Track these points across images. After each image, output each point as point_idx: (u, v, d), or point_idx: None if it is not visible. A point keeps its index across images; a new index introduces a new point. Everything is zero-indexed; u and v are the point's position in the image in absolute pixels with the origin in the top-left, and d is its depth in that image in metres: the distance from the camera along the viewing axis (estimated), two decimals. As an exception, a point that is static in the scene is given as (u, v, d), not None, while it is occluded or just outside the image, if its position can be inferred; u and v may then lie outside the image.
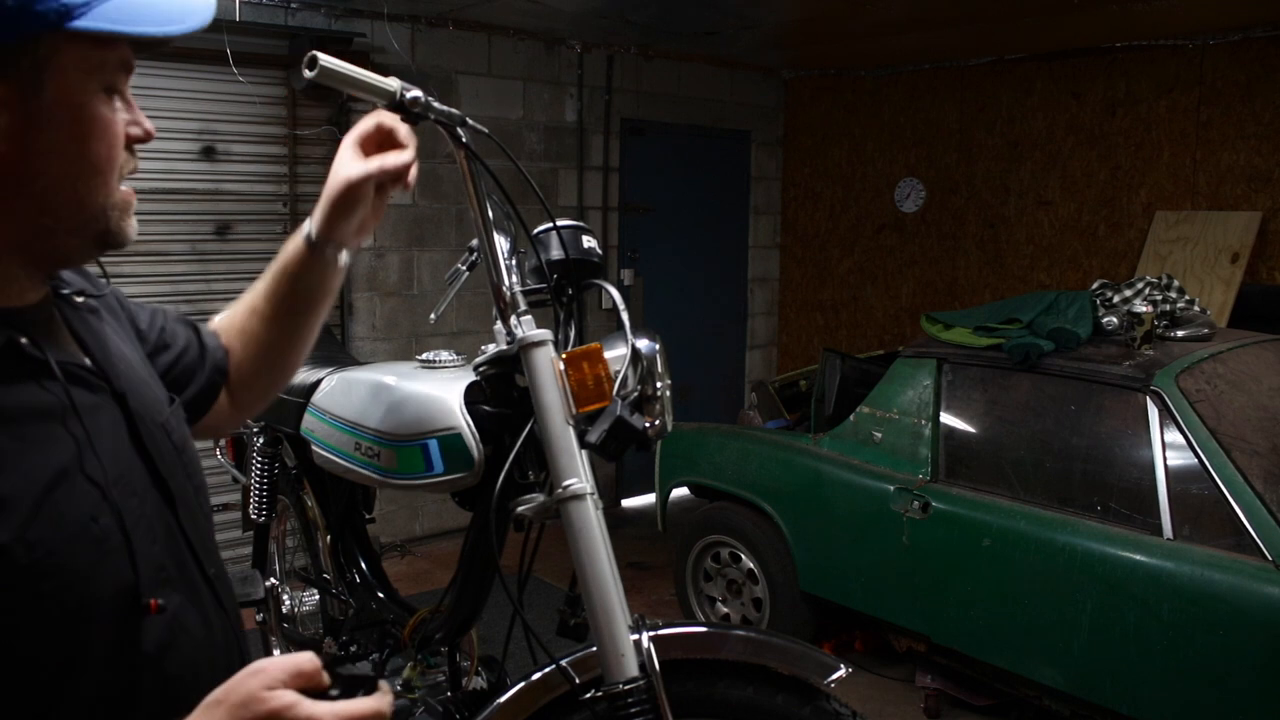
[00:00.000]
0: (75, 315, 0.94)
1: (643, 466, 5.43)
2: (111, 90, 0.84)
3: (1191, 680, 2.65)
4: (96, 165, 0.83)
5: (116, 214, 0.87)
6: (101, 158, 0.83)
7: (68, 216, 0.83)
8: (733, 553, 3.89)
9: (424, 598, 1.81)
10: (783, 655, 1.53)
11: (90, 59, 0.81)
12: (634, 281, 5.81)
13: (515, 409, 1.57)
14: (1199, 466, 2.72)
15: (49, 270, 0.90)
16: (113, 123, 0.84)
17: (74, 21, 0.77)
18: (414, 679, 1.91)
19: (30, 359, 0.83)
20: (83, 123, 0.81)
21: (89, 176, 0.83)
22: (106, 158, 0.84)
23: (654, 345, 1.48)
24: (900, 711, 3.44)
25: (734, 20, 4.89)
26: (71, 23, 0.77)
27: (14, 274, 0.85)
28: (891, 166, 6.16)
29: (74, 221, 0.84)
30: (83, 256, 0.91)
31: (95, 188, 0.84)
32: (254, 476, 2.51)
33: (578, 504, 1.39)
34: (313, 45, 4.02)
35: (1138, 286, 3.48)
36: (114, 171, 0.85)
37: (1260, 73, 4.69)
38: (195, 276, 4.37)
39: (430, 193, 5.04)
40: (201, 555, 0.96)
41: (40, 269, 0.88)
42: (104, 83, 0.83)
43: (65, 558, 0.79)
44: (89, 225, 0.85)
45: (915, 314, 5.92)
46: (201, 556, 0.96)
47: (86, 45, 0.80)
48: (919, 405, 3.38)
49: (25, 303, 0.86)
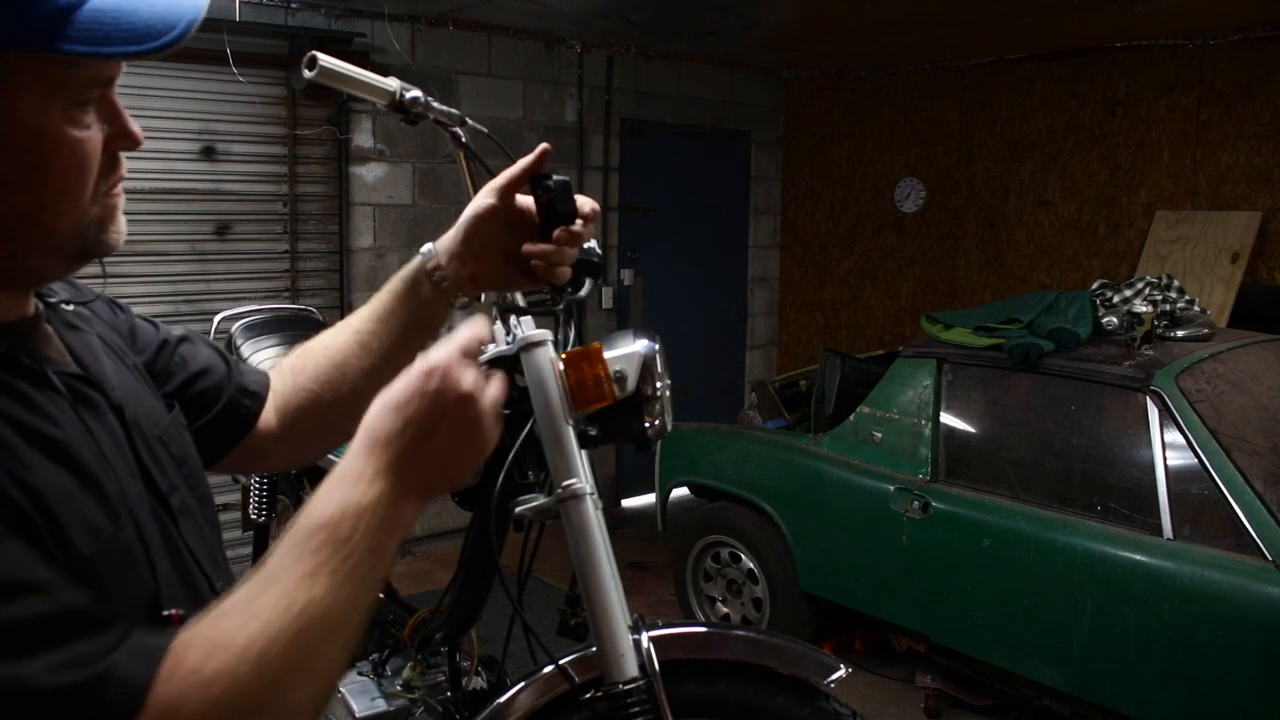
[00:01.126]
0: (64, 326, 0.91)
1: (643, 466, 5.44)
2: (83, 104, 0.77)
3: (1191, 680, 2.65)
4: (62, 191, 0.77)
5: (94, 229, 0.81)
6: (68, 183, 0.77)
7: (38, 243, 0.78)
8: (733, 553, 3.89)
9: (424, 598, 1.81)
10: (783, 655, 1.52)
11: (52, 78, 0.73)
12: (634, 281, 5.81)
13: (515, 409, 1.57)
14: (1199, 466, 2.72)
15: (31, 289, 0.86)
16: (80, 143, 0.76)
17: (36, 48, 0.70)
18: (414, 679, 1.91)
19: (30, 372, 0.80)
20: (43, 150, 0.75)
21: (54, 203, 0.77)
22: (75, 181, 0.77)
23: (654, 345, 1.47)
24: (900, 711, 3.44)
25: (734, 20, 4.89)
26: (34, 48, 0.70)
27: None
28: (891, 166, 6.16)
29: (45, 246, 0.79)
30: (64, 272, 0.86)
31: (62, 213, 0.78)
32: (254, 476, 2.50)
33: (577, 504, 1.39)
34: (313, 45, 4.02)
35: (1138, 286, 3.48)
36: (84, 192, 0.79)
37: (1260, 73, 4.69)
38: (195, 276, 4.37)
39: (430, 193, 5.04)
40: (209, 570, 0.94)
41: (22, 289, 0.85)
42: (71, 100, 0.75)
43: (103, 567, 0.78)
44: (62, 247, 0.80)
45: (915, 314, 5.92)
46: (209, 572, 0.94)
47: (47, 64, 0.72)
48: (919, 405, 3.38)
49: (17, 317, 0.84)
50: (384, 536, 0.79)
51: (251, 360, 2.41)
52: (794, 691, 1.51)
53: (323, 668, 0.76)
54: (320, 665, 0.75)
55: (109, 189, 0.82)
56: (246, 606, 0.74)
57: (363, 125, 4.78)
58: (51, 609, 0.68)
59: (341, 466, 0.81)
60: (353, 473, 0.80)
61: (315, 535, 0.76)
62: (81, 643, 0.69)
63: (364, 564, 0.77)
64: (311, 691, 0.76)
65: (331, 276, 4.80)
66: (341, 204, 4.77)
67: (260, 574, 0.76)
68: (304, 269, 4.70)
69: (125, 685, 0.69)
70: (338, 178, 4.75)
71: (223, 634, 0.72)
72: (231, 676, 0.71)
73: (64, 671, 0.66)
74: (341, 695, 1.93)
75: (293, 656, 0.73)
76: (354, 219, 4.81)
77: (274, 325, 2.65)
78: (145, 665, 0.70)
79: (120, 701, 0.68)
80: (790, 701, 1.51)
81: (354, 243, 4.82)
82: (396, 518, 0.80)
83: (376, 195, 4.88)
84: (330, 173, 4.74)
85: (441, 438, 0.82)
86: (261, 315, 2.72)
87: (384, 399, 0.83)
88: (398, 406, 0.82)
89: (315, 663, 0.75)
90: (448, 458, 0.83)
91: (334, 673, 0.78)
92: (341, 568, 0.76)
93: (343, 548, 0.76)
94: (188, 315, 4.28)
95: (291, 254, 4.64)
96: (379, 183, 4.87)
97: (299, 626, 0.73)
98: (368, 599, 0.79)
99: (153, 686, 0.69)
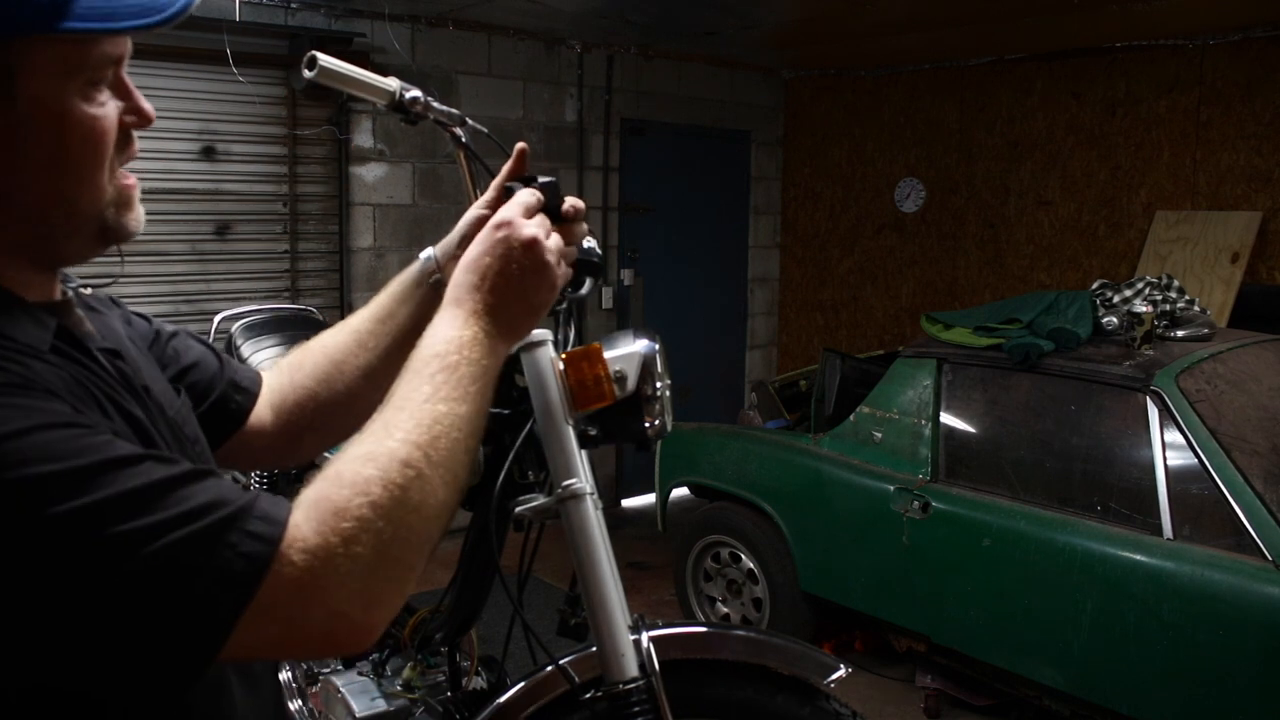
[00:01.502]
0: (86, 309, 0.95)
1: (643, 466, 5.44)
2: (97, 83, 0.80)
3: (1191, 680, 2.65)
4: (82, 169, 0.80)
5: (113, 210, 0.85)
6: (87, 160, 0.81)
7: (60, 222, 0.82)
8: (733, 553, 3.89)
9: (424, 598, 1.81)
10: (783, 655, 1.52)
11: (68, 59, 0.77)
12: (634, 281, 5.81)
13: (515, 409, 1.57)
14: (1199, 466, 2.72)
15: (58, 271, 0.90)
16: (97, 119, 0.80)
17: (43, 29, 0.73)
18: (414, 679, 1.91)
19: (80, 347, 0.85)
20: (62, 129, 0.78)
21: (75, 181, 0.80)
22: (94, 156, 0.81)
23: (654, 345, 1.47)
24: (900, 711, 3.44)
25: (734, 20, 4.89)
26: (41, 30, 0.73)
27: (29, 277, 0.84)
28: (891, 166, 6.16)
29: (68, 226, 0.83)
30: (87, 254, 0.89)
31: (83, 191, 0.81)
32: (253, 475, 2.50)
33: (577, 504, 1.39)
34: (313, 45, 4.02)
35: (1138, 286, 3.48)
36: (102, 169, 0.82)
37: (1260, 73, 4.69)
38: (195, 276, 4.37)
39: (430, 193, 5.04)
40: None
41: (50, 271, 0.88)
42: (86, 80, 0.79)
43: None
44: (84, 227, 0.84)
45: (915, 314, 5.92)
46: None
47: (63, 46, 0.76)
48: (919, 405, 3.38)
49: (53, 298, 0.87)
50: (484, 367, 0.92)
51: (251, 360, 2.41)
52: (794, 691, 1.51)
53: (457, 471, 0.85)
54: (456, 468, 0.84)
55: (124, 163, 0.86)
56: (382, 429, 0.83)
57: (363, 125, 4.78)
58: (189, 470, 0.75)
59: (436, 320, 0.95)
60: (446, 320, 0.94)
61: (429, 365, 0.89)
62: (218, 486, 0.74)
63: (474, 386, 0.89)
64: (451, 492, 0.84)
65: (331, 276, 4.80)
66: (341, 204, 4.77)
67: (385, 408, 0.85)
68: (304, 269, 4.70)
69: (272, 510, 0.75)
70: (338, 178, 4.75)
71: (366, 448, 0.80)
72: (383, 479, 0.78)
73: (209, 511, 0.72)
74: (341, 695, 1.93)
75: (432, 459, 0.81)
76: (354, 219, 4.81)
77: (274, 325, 2.65)
78: (280, 505, 0.76)
79: (275, 516, 0.74)
80: (790, 701, 1.51)
81: (354, 243, 4.82)
82: (492, 350, 0.94)
83: (376, 195, 4.88)
84: (330, 173, 4.74)
85: (515, 281, 0.97)
86: (261, 315, 2.72)
87: (462, 262, 0.98)
88: (473, 264, 0.97)
89: (452, 465, 0.84)
90: (524, 296, 0.98)
91: (464, 475, 0.86)
92: (458, 387, 0.88)
93: (454, 373, 0.88)
94: (188, 315, 4.28)
95: (291, 254, 4.64)
96: (379, 183, 4.88)
97: (433, 435, 0.83)
98: (480, 417, 0.90)
99: (298, 505, 0.76)
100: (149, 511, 0.69)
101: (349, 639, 0.76)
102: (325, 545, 0.73)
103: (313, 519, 0.74)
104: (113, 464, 0.70)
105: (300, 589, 0.72)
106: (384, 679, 1.97)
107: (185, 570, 0.69)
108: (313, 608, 0.73)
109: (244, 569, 0.70)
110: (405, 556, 0.78)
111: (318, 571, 0.72)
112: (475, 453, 0.89)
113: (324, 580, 0.73)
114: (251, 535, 0.72)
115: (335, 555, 0.73)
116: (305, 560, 0.72)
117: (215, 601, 0.70)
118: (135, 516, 0.69)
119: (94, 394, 0.82)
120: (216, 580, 0.70)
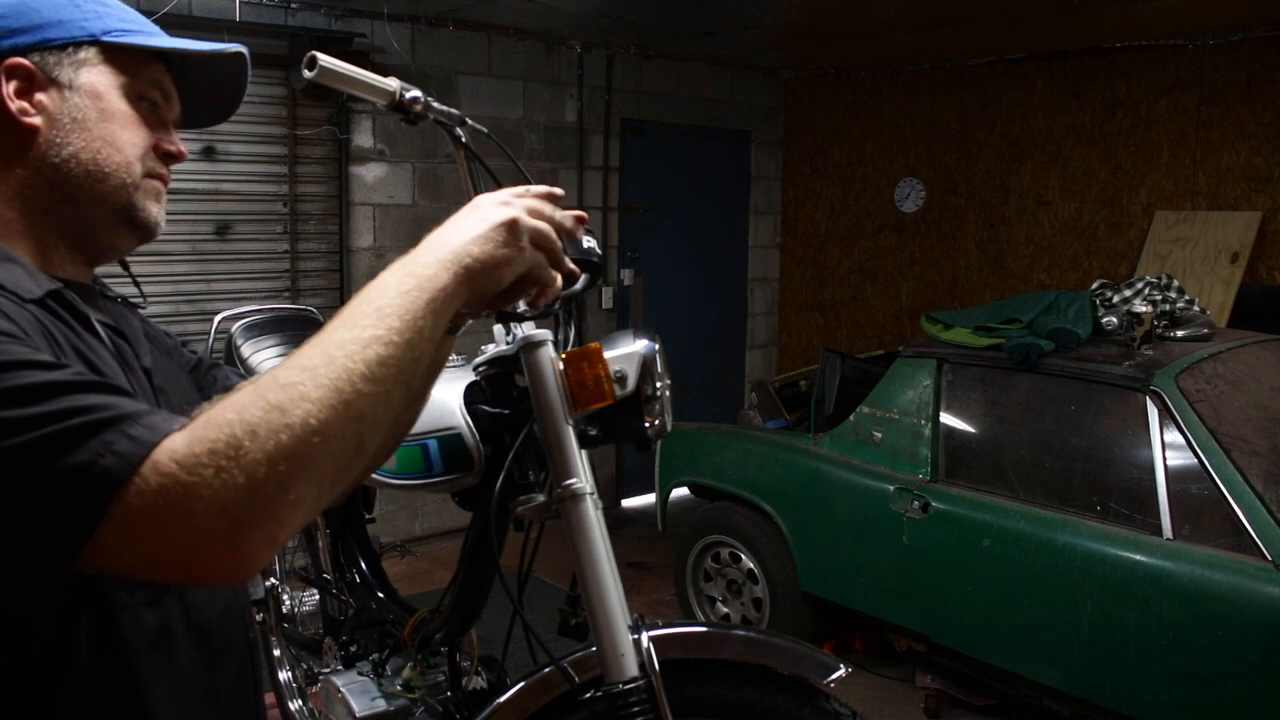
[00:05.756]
0: (113, 305, 1.06)
1: (643, 466, 5.44)
2: (144, 99, 1.00)
3: (1191, 680, 2.65)
4: (114, 141, 0.97)
5: (140, 193, 0.99)
6: (119, 137, 0.97)
7: (89, 184, 0.95)
8: (733, 553, 3.89)
9: (424, 598, 1.81)
10: (783, 655, 1.52)
11: (125, 67, 0.98)
12: (634, 281, 5.81)
13: (515, 409, 1.57)
14: (1199, 466, 2.72)
15: (87, 251, 1.00)
16: (134, 117, 0.99)
17: (104, 37, 0.97)
18: (414, 679, 1.91)
19: (78, 315, 0.92)
20: (104, 108, 0.97)
21: (107, 149, 0.96)
22: (126, 140, 0.98)
23: (654, 345, 1.47)
24: (900, 711, 3.44)
25: (734, 20, 4.89)
26: (102, 37, 0.97)
27: (61, 256, 0.97)
28: (891, 166, 6.16)
29: (95, 190, 0.96)
30: (114, 237, 1.01)
31: (112, 157, 0.96)
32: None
33: (577, 504, 1.39)
34: (313, 45, 4.02)
35: (1137, 286, 3.48)
36: (133, 151, 0.98)
37: (1260, 73, 4.69)
38: (195, 276, 4.37)
39: (430, 193, 5.04)
40: None
41: (82, 254, 1.00)
42: (134, 90, 0.99)
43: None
44: (110, 196, 0.97)
45: (915, 314, 5.92)
46: None
47: (123, 59, 0.98)
48: (919, 405, 3.38)
49: (78, 280, 0.99)
50: (404, 292, 0.86)
51: (252, 361, 2.41)
52: (794, 691, 1.51)
53: (351, 397, 0.78)
54: (348, 393, 0.78)
55: (157, 166, 1.02)
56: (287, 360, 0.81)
57: (363, 125, 4.79)
58: (98, 380, 0.78)
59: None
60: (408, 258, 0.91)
61: (349, 304, 0.85)
62: (120, 399, 0.76)
63: (389, 310, 0.84)
64: (339, 416, 0.77)
65: (331, 276, 4.80)
66: (341, 204, 4.77)
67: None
68: (304, 269, 4.70)
69: (162, 423, 0.75)
70: (338, 178, 4.75)
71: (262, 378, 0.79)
72: (260, 399, 0.75)
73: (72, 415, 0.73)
74: (341, 695, 1.93)
75: (321, 382, 0.77)
76: (354, 219, 4.81)
77: (274, 325, 2.65)
78: (173, 421, 0.76)
79: (160, 427, 0.74)
80: (790, 701, 1.51)
81: (354, 243, 4.82)
82: (420, 275, 0.88)
83: (376, 195, 4.88)
84: (330, 173, 4.74)
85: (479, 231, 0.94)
86: (262, 315, 2.71)
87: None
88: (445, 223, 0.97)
89: (342, 388, 0.78)
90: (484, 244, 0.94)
91: (369, 406, 0.79)
92: (370, 316, 0.83)
93: (366, 302, 0.84)
94: (188, 315, 4.28)
95: (291, 254, 4.64)
96: (379, 183, 4.88)
97: (328, 358, 0.79)
98: (398, 345, 0.83)
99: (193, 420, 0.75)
100: (33, 404, 0.72)
101: (218, 562, 0.73)
102: (191, 454, 0.72)
103: (188, 431, 0.74)
104: (20, 365, 0.74)
105: (163, 495, 0.71)
106: (384, 679, 1.97)
107: (54, 460, 0.71)
108: (176, 518, 0.71)
109: (112, 465, 0.71)
110: (282, 479, 0.73)
111: (181, 480, 0.71)
112: (396, 384, 0.82)
113: (189, 490, 0.71)
114: (129, 437, 0.72)
115: (200, 467, 0.71)
116: (170, 469, 0.71)
117: (81, 493, 0.70)
118: (18, 407, 0.71)
119: (59, 342, 0.86)
120: (81, 473, 0.71)
